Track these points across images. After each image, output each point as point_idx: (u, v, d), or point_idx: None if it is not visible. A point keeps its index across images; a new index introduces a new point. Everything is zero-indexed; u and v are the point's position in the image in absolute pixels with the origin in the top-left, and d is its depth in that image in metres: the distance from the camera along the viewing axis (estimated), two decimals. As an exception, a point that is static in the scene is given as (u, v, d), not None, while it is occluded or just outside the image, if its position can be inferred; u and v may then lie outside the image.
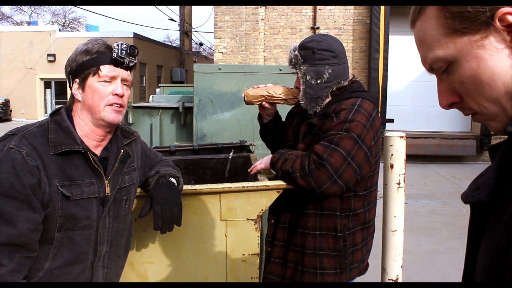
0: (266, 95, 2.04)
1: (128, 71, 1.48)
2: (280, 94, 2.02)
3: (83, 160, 1.42)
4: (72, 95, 1.46)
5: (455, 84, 0.67)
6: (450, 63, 0.66)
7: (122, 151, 1.52)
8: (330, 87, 1.87)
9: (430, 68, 0.70)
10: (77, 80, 1.43)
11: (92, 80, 1.41)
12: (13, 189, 1.25)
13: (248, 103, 2.09)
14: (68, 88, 1.49)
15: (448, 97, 0.69)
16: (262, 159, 2.00)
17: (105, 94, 1.42)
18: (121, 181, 1.52)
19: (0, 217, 1.24)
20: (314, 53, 1.84)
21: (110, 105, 1.42)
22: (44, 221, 1.32)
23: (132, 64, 1.48)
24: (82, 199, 1.39)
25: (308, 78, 1.87)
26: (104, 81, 1.42)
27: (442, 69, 0.67)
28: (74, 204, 1.37)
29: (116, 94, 1.43)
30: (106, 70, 1.42)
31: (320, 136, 1.81)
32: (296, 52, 1.89)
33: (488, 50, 0.61)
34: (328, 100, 1.90)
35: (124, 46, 1.44)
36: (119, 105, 1.44)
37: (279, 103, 2.07)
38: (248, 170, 2.07)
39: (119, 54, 1.42)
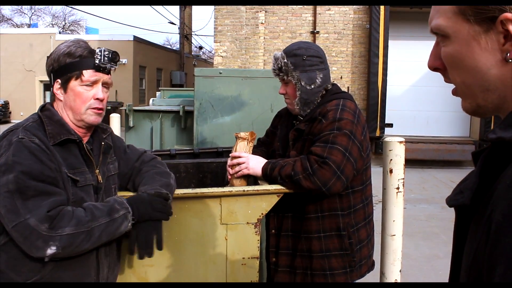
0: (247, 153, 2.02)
1: (109, 74, 1.55)
2: (247, 142, 2.02)
3: (77, 150, 1.50)
4: (53, 93, 1.54)
5: (442, 55, 0.71)
6: (445, 36, 0.69)
7: (103, 143, 1.61)
8: (321, 91, 1.95)
9: (431, 29, 0.74)
10: (58, 80, 1.50)
11: (74, 84, 1.48)
12: (42, 173, 1.34)
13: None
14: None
15: (435, 61, 0.74)
16: (246, 162, 1.94)
17: (87, 98, 1.49)
18: (107, 170, 1.60)
19: (43, 193, 1.33)
20: (304, 59, 1.91)
21: (92, 108, 1.50)
22: None
23: (113, 68, 1.55)
24: (86, 185, 1.48)
25: (302, 83, 1.92)
26: (86, 85, 1.49)
27: (439, 35, 0.72)
28: (81, 190, 1.46)
29: (97, 99, 1.51)
30: (88, 74, 1.48)
31: (310, 140, 1.87)
32: (285, 60, 1.93)
33: (481, 44, 0.65)
34: (317, 101, 1.96)
35: (107, 52, 1.51)
36: (99, 109, 1.52)
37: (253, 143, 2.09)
38: (231, 172, 2.00)
39: (102, 60, 1.49)
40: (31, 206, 1.30)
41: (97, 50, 1.50)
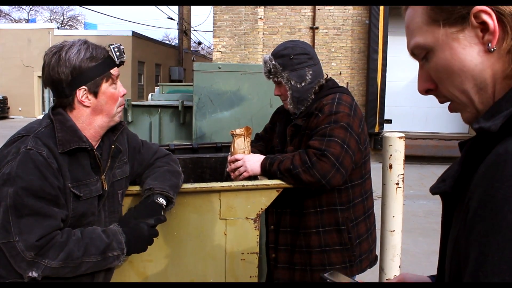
0: (246, 150, 2.00)
1: None
2: (244, 138, 2.01)
3: (87, 158, 1.45)
4: (66, 103, 1.42)
5: (431, 72, 0.72)
6: (428, 51, 0.70)
7: (113, 146, 1.56)
8: (313, 87, 1.94)
9: (412, 53, 0.74)
10: (85, 88, 1.41)
11: (106, 86, 1.45)
12: (43, 191, 1.29)
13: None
14: (54, 96, 1.45)
15: (424, 83, 0.75)
16: (243, 165, 1.92)
17: (118, 97, 1.49)
18: (113, 176, 1.56)
19: (39, 214, 1.29)
20: (292, 59, 1.91)
21: (119, 106, 1.50)
22: None
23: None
24: (91, 198, 1.44)
25: (293, 83, 1.92)
26: (114, 84, 1.47)
27: (421, 55, 0.72)
28: (84, 203, 1.42)
29: (122, 95, 1.51)
30: (116, 73, 1.48)
31: (308, 134, 1.87)
32: (273, 62, 1.94)
33: (461, 43, 0.66)
34: (311, 98, 1.96)
35: (122, 47, 1.50)
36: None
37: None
38: (232, 177, 1.98)
39: (120, 56, 1.47)
40: (23, 227, 1.28)
41: (111, 47, 1.46)
